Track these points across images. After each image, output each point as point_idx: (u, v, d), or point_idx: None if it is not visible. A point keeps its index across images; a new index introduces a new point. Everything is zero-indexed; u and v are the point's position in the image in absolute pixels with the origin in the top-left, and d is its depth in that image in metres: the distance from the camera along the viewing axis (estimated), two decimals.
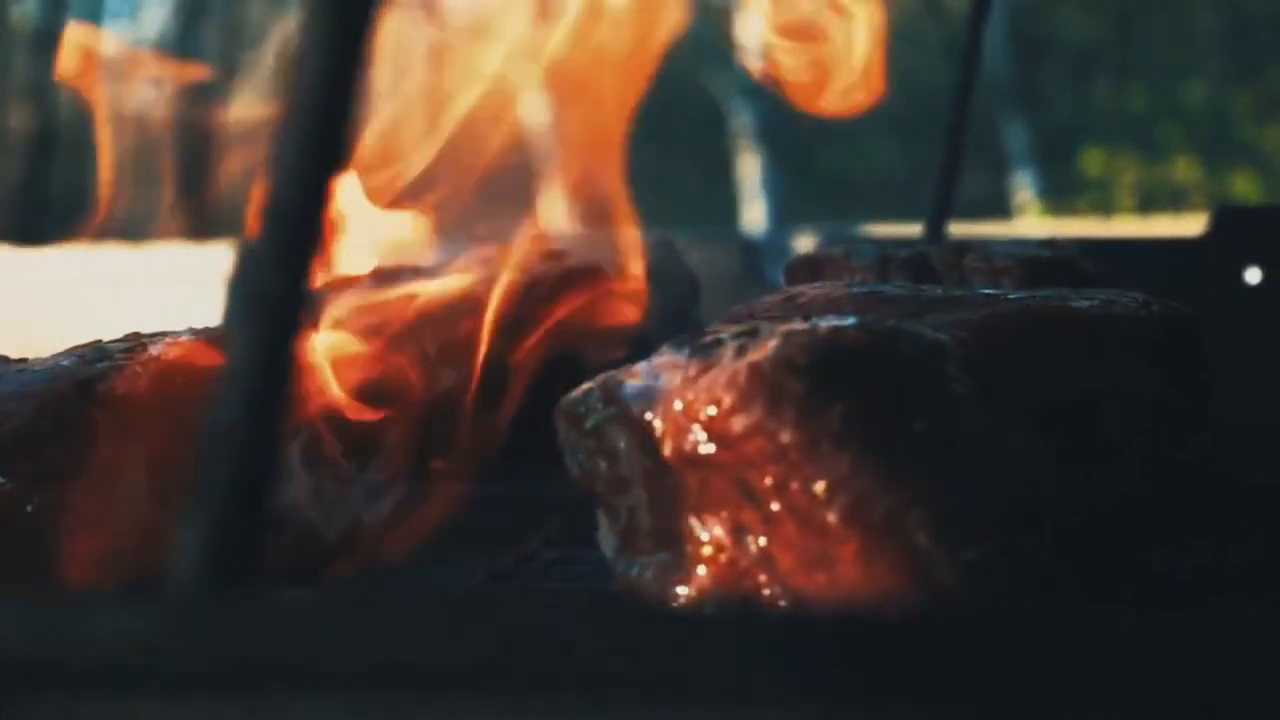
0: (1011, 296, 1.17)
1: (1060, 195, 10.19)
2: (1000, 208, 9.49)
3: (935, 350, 0.90)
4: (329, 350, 1.28)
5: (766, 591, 0.85)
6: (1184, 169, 10.41)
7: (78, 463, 1.00)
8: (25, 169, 7.90)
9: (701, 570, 0.87)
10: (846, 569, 0.83)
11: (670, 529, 0.87)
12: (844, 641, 0.44)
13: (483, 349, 1.36)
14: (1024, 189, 10.21)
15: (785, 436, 0.83)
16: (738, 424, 0.84)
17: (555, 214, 1.53)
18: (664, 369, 0.88)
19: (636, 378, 0.89)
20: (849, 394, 0.84)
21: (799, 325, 0.89)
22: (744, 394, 0.84)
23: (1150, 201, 9.83)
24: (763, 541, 0.85)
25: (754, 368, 0.85)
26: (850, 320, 0.90)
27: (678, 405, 0.86)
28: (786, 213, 9.21)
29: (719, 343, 0.88)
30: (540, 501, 1.20)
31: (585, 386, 0.91)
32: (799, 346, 0.86)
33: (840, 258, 1.39)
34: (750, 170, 9.85)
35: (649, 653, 0.47)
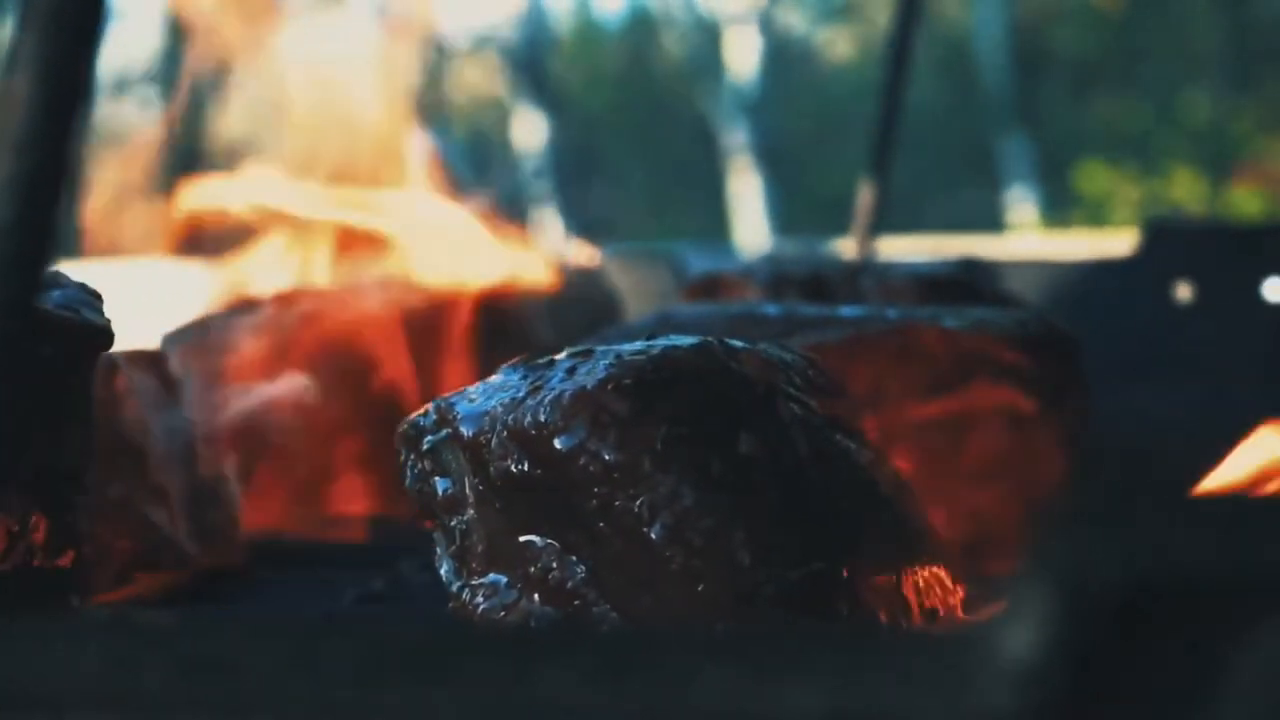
0: (889, 316, 1.17)
1: (1057, 211, 10.17)
2: (996, 224, 9.48)
3: (771, 371, 0.90)
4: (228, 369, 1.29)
5: (595, 610, 0.85)
6: (1184, 184, 10.38)
7: None
8: None
9: (531, 591, 0.87)
10: (670, 588, 0.83)
11: (501, 550, 0.88)
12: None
13: (383, 373, 1.37)
14: (1020, 205, 10.19)
15: (609, 457, 0.84)
16: (562, 445, 0.84)
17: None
18: (496, 390, 0.89)
19: (469, 399, 0.89)
20: (674, 415, 0.85)
21: (633, 347, 0.89)
22: (568, 415, 0.84)
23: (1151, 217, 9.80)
24: (590, 562, 0.85)
25: (579, 389, 0.85)
26: (686, 341, 0.90)
27: (505, 426, 0.86)
28: (779, 229, 9.22)
29: (552, 364, 0.89)
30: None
31: (423, 408, 0.92)
32: (626, 368, 0.86)
33: (737, 277, 1.40)
34: (743, 187, 9.86)
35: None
